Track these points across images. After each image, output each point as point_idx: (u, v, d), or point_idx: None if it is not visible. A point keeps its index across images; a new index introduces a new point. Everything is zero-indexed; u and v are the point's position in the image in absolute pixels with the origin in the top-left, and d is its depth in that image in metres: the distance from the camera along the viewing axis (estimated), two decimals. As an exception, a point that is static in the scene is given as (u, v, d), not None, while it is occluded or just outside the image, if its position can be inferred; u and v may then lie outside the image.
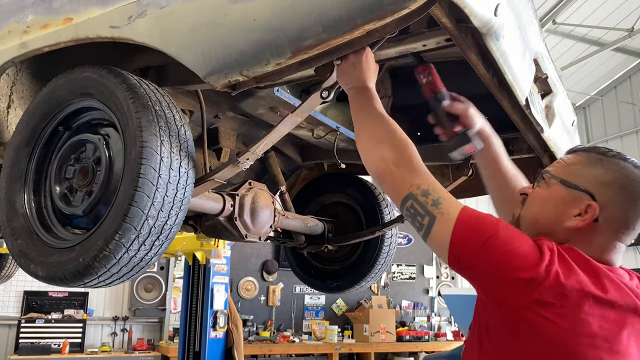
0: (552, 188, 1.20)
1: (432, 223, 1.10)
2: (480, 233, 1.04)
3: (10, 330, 6.62)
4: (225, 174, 1.52)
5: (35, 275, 1.39)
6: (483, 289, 1.08)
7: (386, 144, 1.24)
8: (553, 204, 1.18)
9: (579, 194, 1.15)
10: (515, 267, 1.00)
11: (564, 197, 1.17)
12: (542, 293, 0.98)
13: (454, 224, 1.07)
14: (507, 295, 1.02)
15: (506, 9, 1.24)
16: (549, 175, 1.22)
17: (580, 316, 0.99)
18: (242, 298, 7.81)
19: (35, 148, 1.56)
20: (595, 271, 1.05)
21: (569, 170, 1.20)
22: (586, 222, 1.13)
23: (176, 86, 1.66)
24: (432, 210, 1.11)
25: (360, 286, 2.59)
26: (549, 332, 0.98)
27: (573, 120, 2.09)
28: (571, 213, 1.14)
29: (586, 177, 1.16)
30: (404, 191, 1.17)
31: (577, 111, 9.61)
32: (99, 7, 1.43)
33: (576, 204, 1.14)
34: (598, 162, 1.17)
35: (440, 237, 1.09)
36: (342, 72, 1.34)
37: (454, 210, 1.09)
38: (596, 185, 1.14)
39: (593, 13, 7.89)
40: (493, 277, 1.03)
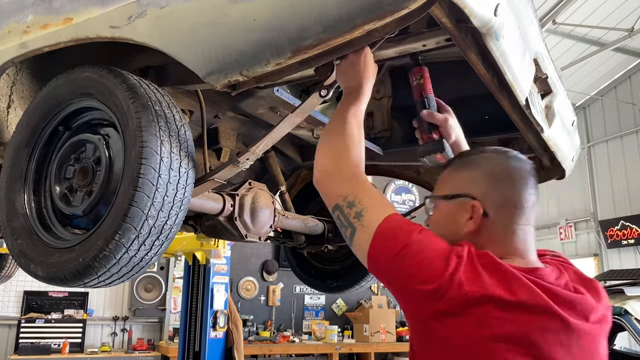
0: (440, 208, 1.23)
1: (352, 235, 1.14)
2: (395, 244, 1.06)
3: (10, 330, 6.62)
4: (225, 174, 1.52)
5: (35, 275, 1.39)
6: (398, 300, 1.10)
7: (328, 151, 1.27)
8: (447, 220, 1.20)
9: (460, 199, 1.18)
10: (420, 279, 1.02)
11: (452, 209, 1.19)
12: (446, 302, 1.00)
13: (372, 235, 1.10)
14: (415, 306, 1.04)
15: (506, 9, 1.24)
16: (430, 199, 1.26)
17: (484, 321, 0.99)
18: (242, 298, 7.82)
19: (35, 148, 1.56)
20: (504, 275, 1.03)
21: (445, 186, 1.24)
22: (477, 221, 1.15)
23: (176, 86, 1.66)
24: (354, 222, 1.14)
25: (360, 286, 2.59)
26: (456, 341, 1.00)
27: (573, 120, 2.09)
28: (464, 220, 1.17)
29: (458, 183, 1.20)
30: (332, 201, 1.21)
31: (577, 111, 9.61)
32: (99, 7, 1.43)
33: (463, 210, 1.17)
34: (463, 165, 1.23)
35: (360, 249, 1.12)
36: (341, 71, 1.34)
37: (375, 222, 1.11)
38: (469, 185, 1.18)
39: (593, 13, 7.89)
40: (404, 288, 1.06)
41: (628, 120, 9.88)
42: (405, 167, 2.62)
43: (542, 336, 0.99)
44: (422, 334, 1.06)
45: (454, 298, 0.99)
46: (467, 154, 1.27)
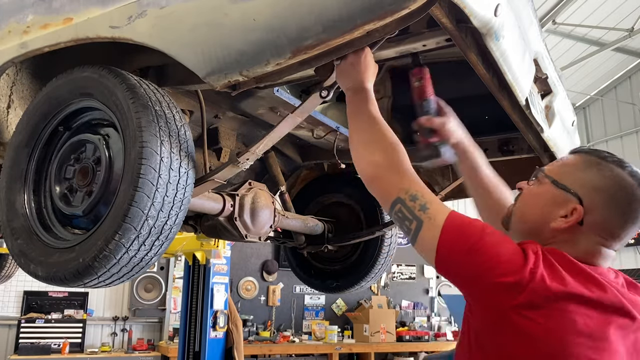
0: (544, 187, 1.20)
1: (419, 228, 1.12)
2: (466, 238, 1.06)
3: (10, 330, 6.62)
4: (225, 174, 1.52)
5: (35, 275, 1.39)
6: (469, 293, 1.09)
7: (376, 148, 1.25)
8: (541, 203, 1.19)
9: (568, 195, 1.15)
10: (500, 272, 1.01)
11: (553, 197, 1.17)
12: (527, 296, 1.00)
13: (440, 229, 1.08)
14: (493, 299, 1.03)
15: (506, 9, 1.24)
16: (542, 174, 1.22)
17: (566, 316, 1.00)
18: (242, 298, 7.81)
19: (35, 148, 1.56)
20: (579, 272, 1.06)
21: (563, 171, 1.20)
22: (570, 224, 1.13)
23: (176, 86, 1.66)
24: (420, 215, 1.12)
25: (360, 286, 2.59)
26: (536, 333, 1.00)
27: (573, 120, 2.09)
28: (557, 214, 1.15)
29: (578, 180, 1.16)
30: (392, 195, 1.18)
31: (577, 111, 9.62)
32: (99, 7, 1.43)
33: (563, 206, 1.15)
34: (594, 166, 1.17)
35: (428, 242, 1.10)
36: (341, 72, 1.34)
37: (441, 215, 1.10)
38: (586, 189, 1.14)
39: (593, 13, 7.89)
40: (479, 281, 1.04)
41: (628, 120, 9.88)
42: (405, 167, 2.62)
43: (615, 333, 1.03)
44: (494, 325, 1.04)
45: (537, 292, 1.00)
46: (605, 156, 1.18)
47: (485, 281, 1.03)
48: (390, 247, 2.55)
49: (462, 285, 1.09)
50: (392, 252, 2.57)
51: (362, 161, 1.27)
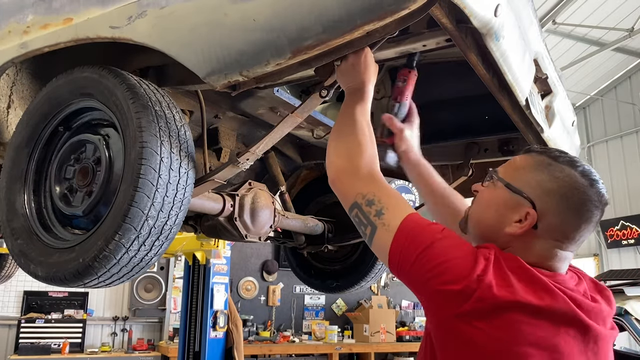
0: (497, 191, 1.18)
1: (373, 233, 1.12)
2: (417, 244, 1.05)
3: (10, 330, 6.62)
4: (225, 174, 1.52)
5: (35, 275, 1.39)
6: (420, 300, 1.08)
7: (343, 150, 1.25)
8: (495, 207, 1.17)
9: (521, 199, 1.12)
10: (446, 279, 1.00)
11: (507, 201, 1.15)
12: (473, 304, 0.98)
13: (393, 235, 1.08)
14: (439, 306, 1.02)
15: (506, 9, 1.24)
16: (496, 177, 1.19)
17: (514, 326, 0.98)
18: (242, 298, 7.81)
19: (35, 148, 1.56)
20: (530, 279, 1.03)
21: (516, 174, 1.17)
22: (524, 229, 1.11)
23: (176, 86, 1.66)
24: (374, 220, 1.12)
25: (360, 286, 2.59)
26: (483, 342, 0.98)
27: (573, 120, 2.09)
28: (511, 219, 1.13)
29: (530, 183, 1.13)
30: (350, 199, 1.19)
31: (577, 111, 9.62)
32: (99, 7, 1.43)
33: (517, 210, 1.12)
34: (545, 167, 1.14)
35: (381, 247, 1.11)
36: (342, 72, 1.34)
37: (396, 220, 1.09)
38: (538, 192, 1.12)
39: (593, 13, 7.88)
40: (427, 288, 1.03)
41: (628, 120, 9.87)
42: (405, 167, 2.62)
43: (565, 342, 1.00)
44: (446, 335, 1.04)
45: (483, 300, 0.98)
46: (556, 156, 1.15)
47: (431, 288, 1.02)
48: (390, 247, 2.54)
49: (415, 291, 1.08)
50: (392, 252, 2.56)
51: (330, 164, 1.27)
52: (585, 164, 1.14)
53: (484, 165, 2.36)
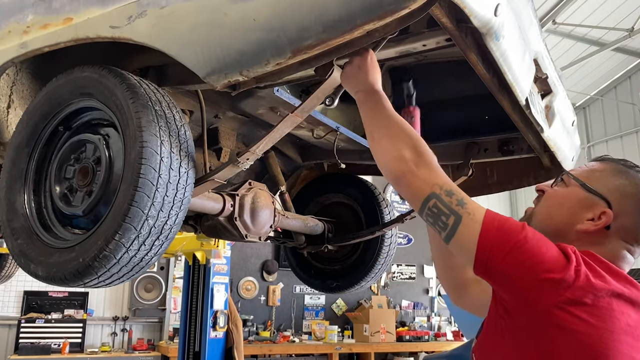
0: (571, 189, 1.22)
1: (458, 223, 1.09)
2: (509, 235, 1.04)
3: (10, 330, 6.62)
4: (225, 174, 1.52)
5: (35, 275, 1.39)
6: (512, 292, 1.06)
7: (404, 145, 1.22)
8: (568, 204, 1.20)
9: (596, 199, 1.17)
10: (546, 269, 1.01)
11: (581, 199, 1.19)
12: (574, 292, 1.00)
13: (481, 224, 1.06)
14: (537, 296, 1.02)
15: (506, 9, 1.24)
16: (570, 177, 1.24)
17: (611, 314, 1.01)
18: (242, 298, 7.81)
19: (35, 148, 1.56)
20: (614, 272, 1.07)
21: (592, 175, 1.22)
22: (598, 227, 1.15)
23: (176, 86, 1.66)
24: (458, 210, 1.09)
25: (360, 286, 2.59)
26: (583, 330, 1.00)
27: (573, 120, 2.09)
28: (584, 216, 1.17)
29: (606, 185, 1.18)
30: (425, 191, 1.15)
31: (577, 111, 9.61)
32: (99, 7, 1.43)
33: (591, 209, 1.17)
34: (623, 173, 1.20)
35: (467, 238, 1.08)
36: (348, 76, 1.33)
37: (480, 210, 1.08)
38: (615, 194, 1.17)
39: (593, 13, 7.88)
40: (524, 278, 1.03)
41: (628, 120, 9.87)
42: (405, 167, 2.61)
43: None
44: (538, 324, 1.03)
45: (583, 288, 1.00)
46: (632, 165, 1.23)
47: (530, 278, 1.02)
48: (390, 247, 2.55)
49: (503, 283, 1.07)
50: (392, 252, 2.57)
51: (390, 158, 1.23)
52: None
53: (483, 165, 2.37)
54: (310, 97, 1.40)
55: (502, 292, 1.09)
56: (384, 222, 2.46)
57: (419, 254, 9.34)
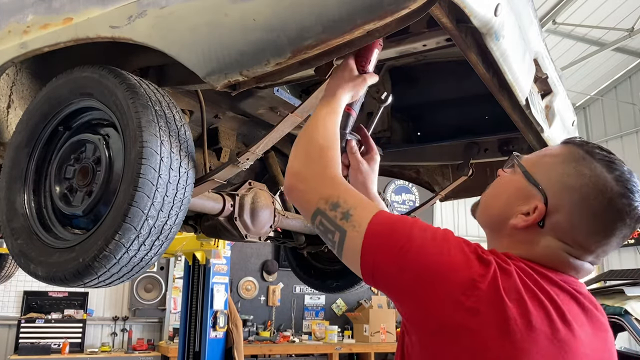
0: (514, 176, 1.06)
1: (343, 239, 0.97)
2: (394, 240, 0.91)
3: (10, 330, 6.61)
4: (225, 174, 1.52)
5: (35, 275, 1.39)
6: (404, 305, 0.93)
7: (300, 156, 1.14)
8: (506, 195, 1.05)
9: (534, 191, 1.00)
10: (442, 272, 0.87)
11: (520, 189, 1.03)
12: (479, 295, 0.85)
13: (363, 236, 0.94)
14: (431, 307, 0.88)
15: (506, 9, 1.24)
16: (517, 162, 1.07)
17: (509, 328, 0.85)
18: (242, 298, 7.81)
19: (35, 148, 1.56)
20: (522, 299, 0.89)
21: (540, 161, 1.04)
22: (527, 224, 0.99)
23: (176, 86, 1.66)
24: (342, 224, 0.98)
25: (360, 286, 2.59)
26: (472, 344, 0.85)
27: (573, 120, 2.09)
28: (519, 209, 1.01)
29: (551, 175, 1.00)
30: (312, 206, 1.05)
31: (577, 111, 9.61)
32: (99, 7, 1.43)
33: (527, 201, 1.00)
34: (575, 161, 0.99)
35: (352, 253, 0.96)
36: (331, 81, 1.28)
37: (365, 220, 0.96)
38: (555, 186, 0.99)
39: (593, 13, 7.89)
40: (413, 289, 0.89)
41: (628, 120, 9.88)
42: (405, 167, 2.62)
43: None
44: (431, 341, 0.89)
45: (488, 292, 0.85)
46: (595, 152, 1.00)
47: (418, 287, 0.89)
48: (390, 247, 2.54)
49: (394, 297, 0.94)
50: (392, 252, 2.56)
51: (288, 169, 1.14)
52: (628, 170, 0.98)
53: (483, 165, 2.37)
54: (310, 97, 1.40)
55: (396, 305, 0.96)
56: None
57: (419, 254, 9.33)
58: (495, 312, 0.85)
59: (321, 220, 1.03)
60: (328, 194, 1.04)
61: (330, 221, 1.01)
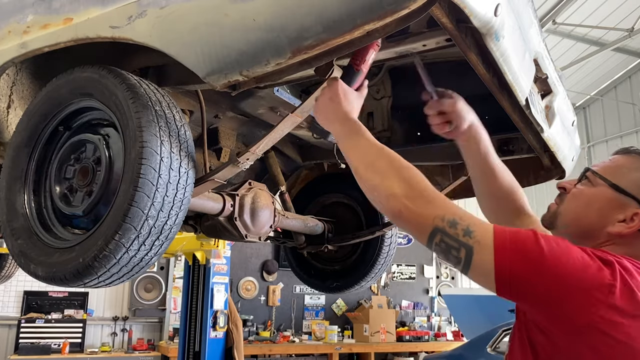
0: (598, 189, 1.16)
1: (470, 255, 1.01)
2: (526, 253, 0.98)
3: (10, 330, 6.62)
4: (225, 174, 1.52)
5: (35, 275, 1.39)
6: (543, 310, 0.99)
7: (393, 178, 1.13)
8: (598, 205, 1.14)
9: (626, 199, 1.11)
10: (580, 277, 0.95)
11: (610, 200, 1.13)
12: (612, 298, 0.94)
13: (493, 250, 0.99)
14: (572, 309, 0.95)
15: (506, 9, 1.24)
16: (595, 175, 1.17)
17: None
18: (242, 298, 7.82)
19: (35, 148, 1.56)
20: None
21: (618, 172, 1.15)
22: (632, 230, 1.09)
23: (176, 86, 1.66)
24: (467, 241, 1.02)
25: (360, 286, 2.59)
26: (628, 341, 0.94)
27: (573, 120, 2.09)
28: (615, 218, 1.11)
29: (635, 182, 1.12)
30: (428, 226, 1.07)
31: (577, 111, 9.61)
32: (99, 7, 1.43)
33: (622, 209, 1.11)
34: None
35: (483, 268, 1.00)
36: (319, 110, 1.29)
37: (488, 235, 1.01)
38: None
39: (593, 13, 7.89)
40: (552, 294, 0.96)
41: (628, 120, 9.88)
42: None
43: None
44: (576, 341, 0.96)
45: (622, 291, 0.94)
46: None
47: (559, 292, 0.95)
48: (390, 247, 2.55)
49: (531, 304, 1.01)
50: (392, 252, 2.57)
51: (381, 197, 1.14)
52: None
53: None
54: (310, 97, 1.40)
55: (533, 312, 1.02)
56: (384, 222, 2.46)
57: (419, 254, 9.34)
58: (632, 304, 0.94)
59: (442, 238, 1.05)
60: (443, 212, 1.06)
61: (452, 239, 1.03)
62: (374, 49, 1.31)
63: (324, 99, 1.28)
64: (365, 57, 1.31)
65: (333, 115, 1.28)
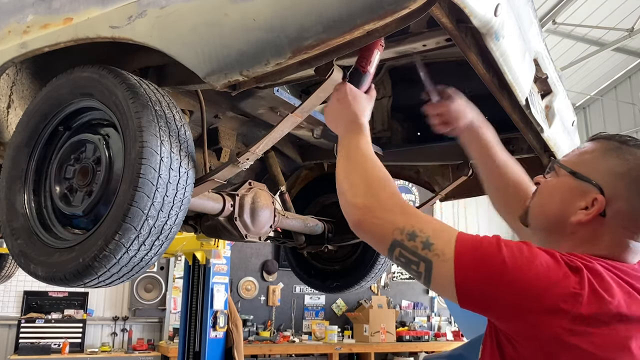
0: (561, 179, 1.13)
1: (430, 269, 0.98)
2: (486, 265, 0.94)
3: (10, 330, 6.62)
4: (225, 174, 1.52)
5: (35, 275, 1.39)
6: (508, 322, 0.97)
7: (360, 187, 1.12)
8: (560, 196, 1.11)
9: (587, 185, 1.07)
10: (543, 288, 0.91)
11: (572, 188, 1.09)
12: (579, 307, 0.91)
13: (453, 263, 0.95)
14: (538, 321, 0.92)
15: (506, 9, 1.24)
16: (558, 165, 1.14)
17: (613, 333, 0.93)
18: (242, 298, 7.82)
19: (35, 148, 1.56)
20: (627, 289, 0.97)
21: (581, 160, 1.12)
22: (591, 216, 1.05)
23: (176, 86, 1.66)
24: (426, 254, 0.99)
25: (360, 286, 2.59)
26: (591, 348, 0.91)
27: (573, 120, 2.09)
28: (577, 206, 1.07)
29: (597, 168, 1.08)
30: (387, 240, 1.04)
31: (577, 111, 9.61)
32: (99, 7, 1.43)
33: (583, 197, 1.06)
34: (614, 151, 1.08)
35: (443, 281, 0.97)
36: (329, 112, 1.29)
37: (449, 246, 0.97)
38: (606, 177, 1.06)
39: (593, 13, 7.88)
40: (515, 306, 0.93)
41: (628, 120, 9.87)
42: (405, 167, 2.62)
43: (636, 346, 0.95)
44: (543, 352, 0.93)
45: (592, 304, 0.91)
46: (626, 140, 1.09)
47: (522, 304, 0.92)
48: (390, 247, 2.54)
49: (496, 316, 0.98)
50: (392, 252, 2.56)
51: (349, 207, 1.13)
52: None
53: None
54: (310, 97, 1.40)
55: (499, 324, 1.00)
56: (384, 222, 2.45)
57: (419, 254, 9.32)
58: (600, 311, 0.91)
59: (401, 252, 1.02)
60: (402, 224, 1.03)
61: (411, 252, 1.01)
62: (379, 49, 1.31)
63: (333, 103, 1.28)
64: (371, 58, 1.31)
65: (340, 117, 1.28)
